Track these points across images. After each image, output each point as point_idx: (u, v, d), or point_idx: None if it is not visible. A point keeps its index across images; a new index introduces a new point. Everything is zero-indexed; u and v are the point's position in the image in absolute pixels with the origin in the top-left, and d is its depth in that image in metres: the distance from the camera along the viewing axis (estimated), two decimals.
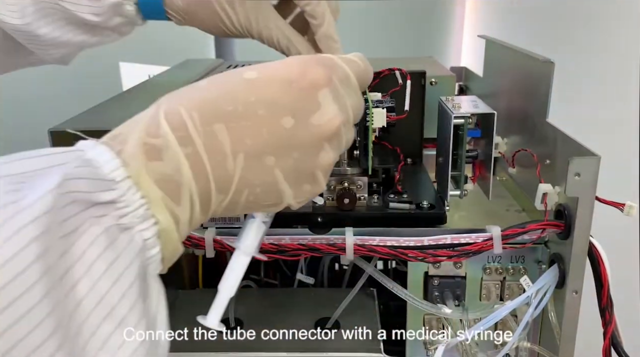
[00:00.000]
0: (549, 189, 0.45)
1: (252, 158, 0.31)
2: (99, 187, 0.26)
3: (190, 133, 0.29)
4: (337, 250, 0.46)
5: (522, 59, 0.55)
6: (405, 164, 0.61)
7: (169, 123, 0.29)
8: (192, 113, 0.30)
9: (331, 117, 0.33)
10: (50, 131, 0.54)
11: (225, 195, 0.31)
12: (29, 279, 0.22)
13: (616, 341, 0.44)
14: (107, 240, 0.26)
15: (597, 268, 0.44)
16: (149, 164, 0.28)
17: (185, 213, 0.30)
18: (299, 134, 0.32)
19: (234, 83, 0.32)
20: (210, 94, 0.31)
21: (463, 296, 0.50)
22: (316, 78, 0.33)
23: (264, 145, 0.31)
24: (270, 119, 0.31)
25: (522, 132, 0.55)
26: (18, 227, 0.22)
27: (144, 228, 0.28)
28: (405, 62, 0.66)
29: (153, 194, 0.28)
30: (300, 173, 0.33)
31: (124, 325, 0.26)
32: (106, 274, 0.26)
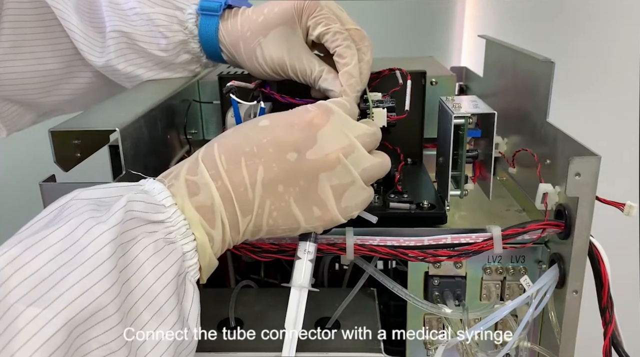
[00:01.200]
0: (549, 189, 0.45)
1: (266, 187, 0.39)
2: (152, 209, 0.35)
3: (219, 170, 0.38)
4: (338, 250, 0.46)
5: (522, 59, 0.55)
6: (405, 164, 0.61)
7: (205, 164, 0.39)
8: (220, 155, 0.39)
9: (328, 152, 0.39)
10: (51, 131, 0.54)
11: (249, 218, 0.39)
12: (104, 270, 0.31)
13: (616, 340, 0.44)
14: (155, 248, 0.34)
15: (597, 268, 0.44)
16: (192, 193, 0.38)
17: (219, 233, 0.38)
18: (301, 166, 0.39)
19: (251, 129, 0.40)
20: (234, 140, 0.40)
21: (463, 296, 0.50)
22: (317, 121, 0.40)
23: (275, 176, 0.39)
24: (278, 155, 0.39)
25: (522, 132, 0.55)
26: (99, 233, 0.31)
27: (185, 243, 0.37)
28: (406, 62, 0.66)
29: (193, 217, 0.37)
30: (308, 199, 0.39)
31: (160, 314, 0.34)
32: (151, 273, 0.34)
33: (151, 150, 0.51)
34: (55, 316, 0.28)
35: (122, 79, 0.62)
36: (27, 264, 0.29)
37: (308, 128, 0.40)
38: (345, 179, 0.40)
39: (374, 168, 0.42)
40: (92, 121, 0.48)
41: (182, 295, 0.36)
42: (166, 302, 0.34)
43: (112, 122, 0.45)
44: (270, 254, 0.47)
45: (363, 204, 0.42)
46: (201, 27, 0.58)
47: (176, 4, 0.58)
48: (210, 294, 0.56)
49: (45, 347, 0.27)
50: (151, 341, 0.33)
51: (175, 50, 0.60)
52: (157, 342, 0.33)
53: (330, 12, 0.54)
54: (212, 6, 0.58)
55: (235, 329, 0.49)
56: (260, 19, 0.55)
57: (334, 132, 0.40)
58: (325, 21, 0.53)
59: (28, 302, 0.28)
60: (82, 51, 0.59)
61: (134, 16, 0.58)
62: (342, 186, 0.40)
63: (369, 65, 0.54)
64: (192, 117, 0.63)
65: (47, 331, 0.28)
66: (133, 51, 0.60)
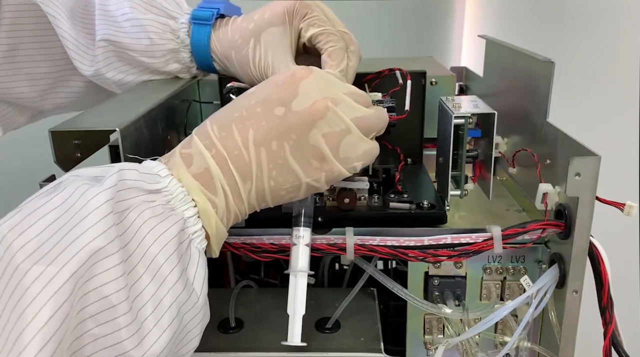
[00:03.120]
0: (549, 189, 0.45)
1: (259, 145, 0.39)
2: (148, 179, 0.36)
3: (212, 140, 0.39)
4: (338, 250, 0.46)
5: (522, 59, 0.55)
6: (405, 164, 0.61)
7: (197, 136, 0.39)
8: (212, 126, 0.40)
9: (314, 101, 0.39)
10: (51, 131, 0.54)
11: (250, 182, 0.39)
12: (104, 226, 0.31)
13: (616, 340, 0.44)
14: (152, 213, 0.35)
15: (597, 268, 0.44)
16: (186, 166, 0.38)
17: (221, 200, 0.38)
18: (290, 118, 0.39)
19: (240, 98, 0.42)
20: (224, 111, 0.41)
21: (463, 296, 0.50)
22: (295, 74, 0.41)
23: (266, 133, 0.39)
24: (266, 112, 0.39)
25: (522, 132, 0.55)
26: (93, 194, 0.32)
27: (185, 208, 0.37)
28: (405, 62, 0.66)
29: (191, 184, 0.38)
30: (303, 151, 0.39)
31: (160, 275, 0.34)
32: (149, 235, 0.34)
33: (151, 151, 0.51)
34: (60, 270, 0.29)
35: (112, 86, 0.62)
36: (29, 229, 0.30)
37: (290, 81, 0.40)
38: (337, 126, 0.39)
39: (369, 117, 0.41)
40: (92, 121, 0.48)
41: (187, 260, 0.36)
42: (165, 262, 0.34)
43: (112, 122, 0.45)
44: (270, 254, 0.47)
45: (365, 156, 0.41)
46: (193, 36, 0.58)
47: (169, 13, 0.58)
48: (210, 294, 0.56)
49: (54, 301, 0.28)
50: (152, 302, 0.33)
51: (165, 58, 0.59)
52: (158, 303, 0.34)
53: (322, 13, 0.54)
54: (204, 15, 0.58)
55: (235, 329, 0.49)
56: (250, 26, 0.55)
57: (318, 83, 0.40)
58: (319, 22, 0.53)
59: (33, 261, 0.29)
60: (73, 59, 0.60)
61: (125, 22, 0.57)
62: (335, 134, 0.39)
63: (354, 70, 0.54)
64: (192, 117, 0.63)
65: (53, 285, 0.29)
66: (120, 59, 0.59)
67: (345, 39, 0.54)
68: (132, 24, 0.57)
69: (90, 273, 0.31)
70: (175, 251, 0.35)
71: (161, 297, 0.34)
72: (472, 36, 1.55)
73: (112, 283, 0.31)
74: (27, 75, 0.61)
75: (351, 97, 0.41)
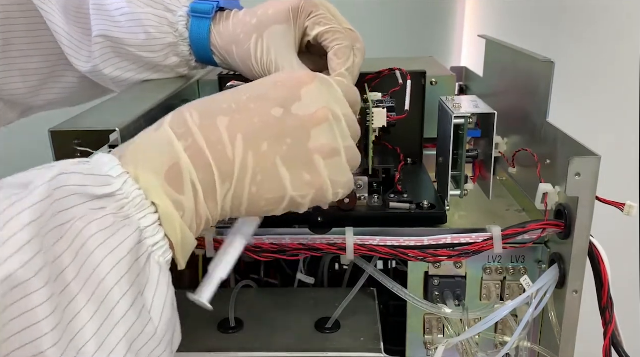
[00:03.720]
0: (549, 189, 0.45)
1: (248, 143, 0.34)
2: (95, 182, 0.29)
3: (189, 127, 0.33)
4: (338, 250, 0.46)
5: (522, 59, 0.55)
6: (405, 164, 0.61)
7: (170, 123, 0.34)
8: (192, 112, 0.34)
9: (316, 108, 0.36)
10: (50, 131, 0.54)
11: (229, 183, 0.34)
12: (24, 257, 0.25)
13: (616, 340, 0.44)
14: (100, 226, 0.28)
15: (597, 268, 0.44)
16: (149, 157, 0.32)
17: (189, 200, 0.32)
18: (288, 121, 0.35)
19: (229, 91, 0.37)
20: (209, 99, 0.36)
21: (463, 296, 0.50)
22: (304, 77, 0.37)
23: (258, 131, 0.35)
24: (261, 110, 0.35)
25: (522, 132, 0.55)
26: (16, 212, 0.26)
27: (142, 216, 0.31)
28: (405, 62, 0.66)
29: (151, 183, 0.31)
30: (296, 160, 0.35)
31: (107, 302, 0.28)
32: (97, 251, 0.28)
33: None
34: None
35: (109, 83, 0.61)
36: None
37: (294, 84, 0.37)
38: (332, 142, 0.36)
39: (354, 151, 0.39)
40: (92, 121, 0.48)
41: (144, 281, 0.30)
42: (115, 287, 0.28)
43: (112, 122, 0.45)
44: (270, 254, 0.47)
45: (347, 186, 0.38)
46: (192, 30, 0.57)
47: (167, 6, 0.57)
48: None
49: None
50: (95, 341, 0.27)
51: (164, 52, 0.58)
52: (103, 341, 0.28)
53: (328, 12, 0.53)
54: (204, 8, 0.56)
55: (235, 329, 0.49)
56: (254, 21, 0.54)
57: (321, 92, 0.38)
58: (325, 21, 0.52)
59: None
60: (69, 55, 0.59)
61: (121, 17, 0.56)
62: (330, 148, 0.36)
63: (359, 68, 0.53)
64: None
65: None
66: (118, 55, 0.58)
67: (351, 37, 0.53)
68: (128, 18, 0.56)
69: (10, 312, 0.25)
70: (129, 271, 0.29)
71: (107, 333, 0.28)
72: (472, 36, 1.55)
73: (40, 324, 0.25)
74: (21, 71, 0.60)
75: (346, 121, 0.38)
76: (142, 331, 0.29)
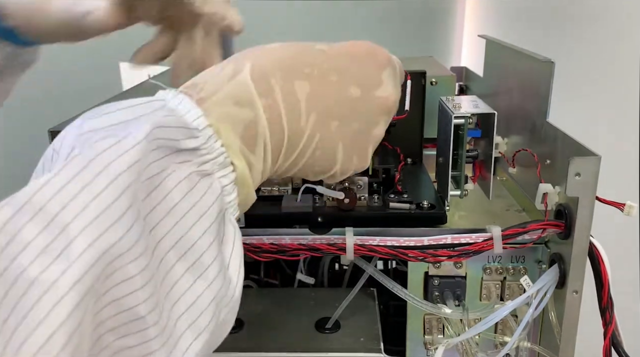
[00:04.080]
0: (549, 189, 0.45)
1: (321, 118, 0.33)
2: (184, 134, 0.28)
3: (272, 86, 0.32)
4: (337, 250, 0.46)
5: (522, 59, 0.55)
6: (405, 164, 0.61)
7: (252, 74, 0.32)
8: (274, 69, 0.32)
9: (390, 93, 0.36)
10: (50, 131, 0.54)
11: (293, 151, 0.33)
12: (121, 230, 0.24)
13: (616, 340, 0.44)
14: (189, 185, 0.28)
15: (597, 268, 0.44)
16: (230, 111, 0.30)
17: (259, 162, 0.32)
18: (362, 105, 0.35)
19: (309, 50, 0.35)
20: (290, 56, 0.34)
21: (463, 296, 0.50)
22: (381, 58, 0.36)
23: (332, 109, 0.34)
24: (340, 85, 0.34)
25: (522, 132, 0.55)
26: (115, 173, 0.24)
27: (223, 175, 0.30)
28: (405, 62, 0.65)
29: (232, 142, 0.30)
30: (355, 144, 0.35)
31: (199, 266, 0.28)
32: (187, 215, 0.27)
33: None
34: (67, 270, 0.22)
35: None
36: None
37: (375, 66, 0.36)
38: (384, 131, 0.37)
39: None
40: None
41: (221, 239, 0.30)
42: (206, 251, 0.28)
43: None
44: (270, 254, 0.46)
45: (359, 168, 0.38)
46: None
47: None
48: None
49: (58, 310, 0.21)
50: (187, 298, 0.27)
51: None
52: (194, 301, 0.27)
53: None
54: None
55: (235, 329, 0.49)
56: None
57: (395, 77, 0.37)
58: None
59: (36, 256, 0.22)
60: None
61: None
62: (381, 137, 0.37)
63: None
64: None
65: (58, 291, 0.21)
66: None
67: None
68: None
69: (108, 281, 0.24)
70: (216, 232, 0.29)
71: (199, 293, 0.28)
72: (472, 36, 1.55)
73: (137, 293, 0.24)
74: None
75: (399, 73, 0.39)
76: (226, 293, 0.30)
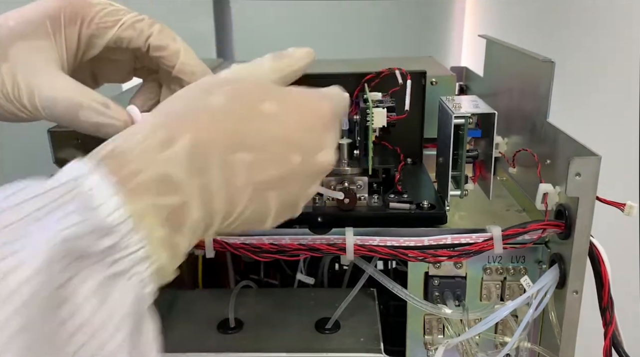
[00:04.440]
0: (549, 189, 0.45)
1: (259, 191, 0.31)
2: (97, 235, 0.24)
3: (209, 163, 0.29)
4: (337, 250, 0.46)
5: (522, 58, 0.55)
6: (405, 164, 0.61)
7: (188, 150, 0.28)
8: (215, 142, 0.29)
9: (330, 158, 0.35)
10: (50, 131, 0.54)
11: (224, 221, 0.31)
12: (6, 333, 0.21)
13: (616, 340, 0.44)
14: (102, 291, 0.24)
15: (597, 268, 0.44)
16: (155, 200, 0.27)
17: (185, 240, 0.29)
18: (302, 171, 0.33)
19: (255, 115, 0.32)
20: (233, 125, 0.31)
21: (463, 296, 0.50)
22: (328, 120, 0.35)
23: (271, 180, 0.32)
24: (282, 155, 0.32)
25: (523, 132, 0.55)
26: (8, 293, 0.21)
27: (141, 270, 0.26)
28: (405, 62, 0.66)
29: (154, 232, 0.27)
30: (291, 204, 0.34)
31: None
32: (101, 329, 0.24)
33: None
34: None
35: None
36: None
37: (321, 130, 0.34)
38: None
39: None
40: None
41: (139, 342, 0.26)
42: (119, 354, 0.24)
43: None
44: (270, 254, 0.46)
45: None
46: None
47: None
48: (210, 295, 0.56)
49: None
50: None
51: None
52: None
53: (110, 4, 0.41)
54: None
55: (235, 329, 0.49)
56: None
57: (335, 137, 0.36)
58: (113, 17, 0.40)
59: None
60: None
61: None
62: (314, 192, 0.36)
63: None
64: None
65: None
66: None
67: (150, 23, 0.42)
68: None
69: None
70: (134, 344, 0.25)
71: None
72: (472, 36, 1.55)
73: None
74: None
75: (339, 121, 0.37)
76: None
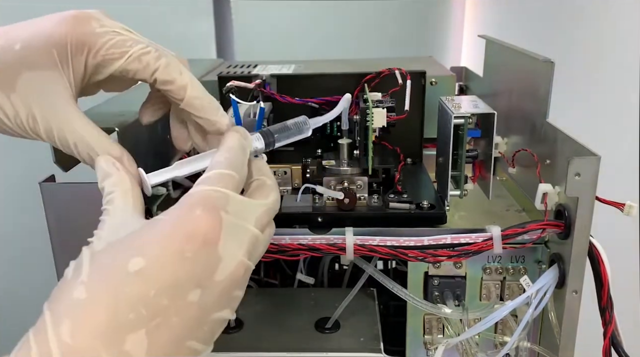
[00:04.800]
0: (549, 189, 0.45)
1: (171, 349, 0.28)
2: None
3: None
4: (337, 250, 0.46)
5: (522, 58, 0.55)
6: (405, 164, 0.61)
7: (65, 350, 0.25)
8: (96, 339, 0.26)
9: (237, 263, 0.31)
10: None
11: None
12: None
13: (616, 340, 0.44)
14: None
15: (597, 268, 0.44)
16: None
17: None
18: (209, 299, 0.29)
19: (123, 283, 0.28)
20: (107, 308, 0.27)
21: (463, 296, 0.50)
22: (208, 235, 0.30)
23: (177, 333, 0.28)
24: (176, 303, 0.28)
25: (522, 132, 0.55)
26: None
27: None
28: (405, 62, 0.66)
29: None
30: (204, 331, 0.30)
31: None
32: None
33: (151, 150, 0.51)
34: None
35: None
36: None
37: (205, 249, 0.29)
38: (243, 288, 0.32)
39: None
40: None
41: None
42: None
43: (112, 122, 0.45)
44: (269, 254, 0.46)
45: None
46: None
47: None
48: None
49: None
50: None
51: None
52: None
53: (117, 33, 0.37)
54: None
55: (235, 329, 0.50)
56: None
57: (235, 235, 0.31)
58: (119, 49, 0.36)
59: None
60: None
61: None
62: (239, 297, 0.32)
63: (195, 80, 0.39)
64: None
65: None
66: None
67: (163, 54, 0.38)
68: None
69: None
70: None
71: None
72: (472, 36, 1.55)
73: None
74: None
75: (259, 223, 0.33)
76: None
